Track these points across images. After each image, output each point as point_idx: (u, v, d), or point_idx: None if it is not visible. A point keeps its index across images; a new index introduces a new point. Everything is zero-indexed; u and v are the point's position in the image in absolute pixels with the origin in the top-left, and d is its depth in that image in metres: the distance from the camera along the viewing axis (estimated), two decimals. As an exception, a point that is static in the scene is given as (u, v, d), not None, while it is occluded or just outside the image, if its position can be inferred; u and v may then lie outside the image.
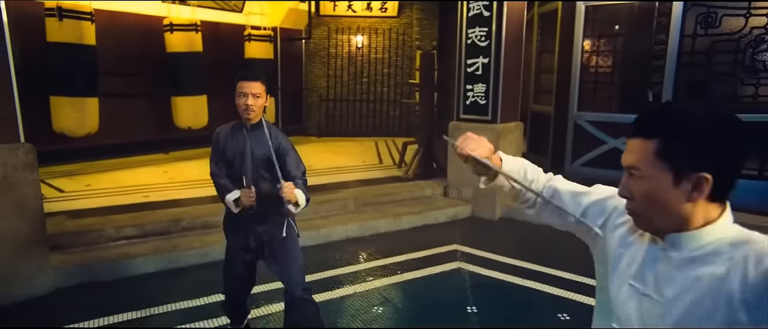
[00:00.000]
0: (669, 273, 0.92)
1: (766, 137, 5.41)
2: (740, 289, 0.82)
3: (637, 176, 0.92)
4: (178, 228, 4.22)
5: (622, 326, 1.00)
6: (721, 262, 0.86)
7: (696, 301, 0.88)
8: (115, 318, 3.06)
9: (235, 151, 2.39)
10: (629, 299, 0.98)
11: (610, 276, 1.05)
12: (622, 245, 1.03)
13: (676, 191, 0.87)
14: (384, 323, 3.08)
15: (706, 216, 0.90)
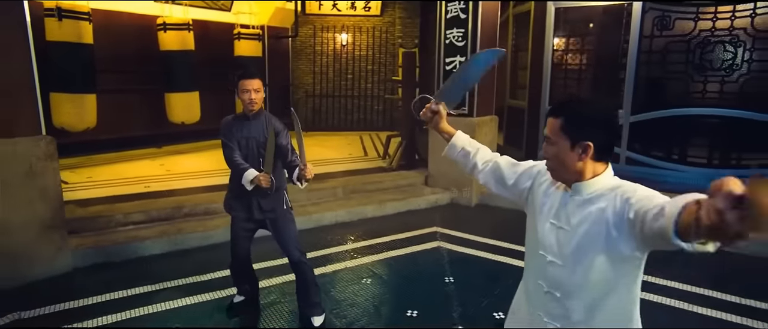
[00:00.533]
0: (573, 210, 1.36)
1: (713, 129, 6.00)
2: (612, 216, 1.27)
3: (550, 142, 1.36)
4: (180, 214, 4.58)
5: (546, 252, 1.44)
6: (603, 201, 1.31)
7: (589, 227, 1.32)
8: (129, 292, 3.42)
9: (241, 136, 2.79)
10: (550, 232, 1.43)
11: (537, 220, 1.49)
12: (545, 195, 1.48)
13: (572, 153, 1.31)
14: (372, 291, 3.52)
15: (594, 171, 1.34)
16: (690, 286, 3.57)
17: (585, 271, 1.32)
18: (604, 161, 1.35)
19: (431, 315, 3.14)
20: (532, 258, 1.51)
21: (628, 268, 1.30)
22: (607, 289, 1.32)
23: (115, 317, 3.07)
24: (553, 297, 1.40)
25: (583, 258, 1.32)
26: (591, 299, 1.34)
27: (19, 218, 3.40)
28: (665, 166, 6.23)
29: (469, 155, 1.74)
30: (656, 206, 1.10)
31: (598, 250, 1.29)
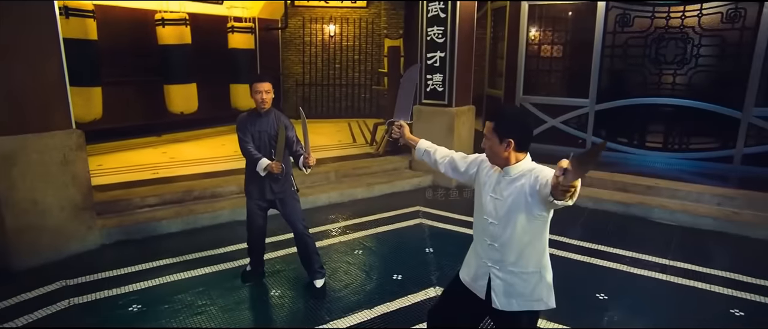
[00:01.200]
0: (505, 186, 1.95)
1: (668, 116, 6.69)
2: (528, 188, 1.86)
3: (486, 138, 1.95)
4: (191, 197, 5.12)
5: (488, 216, 2.02)
6: (523, 179, 1.90)
7: (515, 197, 1.91)
8: (153, 264, 3.96)
9: (254, 130, 3.33)
10: (490, 202, 2.02)
11: (481, 193, 2.07)
12: (486, 176, 2.06)
13: (500, 146, 1.90)
14: (363, 260, 4.12)
15: (517, 158, 1.93)
16: (580, 241, 4.25)
17: (513, 228, 1.92)
18: (523, 151, 1.94)
19: (413, 278, 3.75)
20: (479, 221, 2.10)
21: (540, 224, 1.91)
22: (527, 240, 1.93)
23: (144, 284, 3.62)
24: (493, 247, 2.00)
25: (511, 218, 1.92)
26: (518, 247, 1.95)
27: (56, 201, 3.91)
28: (627, 150, 6.92)
29: (430, 153, 2.34)
30: (547, 178, 1.71)
31: (520, 212, 1.89)
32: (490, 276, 2.03)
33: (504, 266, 2.00)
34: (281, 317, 3.26)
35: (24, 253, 3.78)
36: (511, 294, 2.00)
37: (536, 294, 2.00)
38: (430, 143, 2.41)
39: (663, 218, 5.09)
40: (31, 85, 3.70)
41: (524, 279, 1.97)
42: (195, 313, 3.24)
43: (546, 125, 7.45)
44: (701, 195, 5.23)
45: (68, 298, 3.36)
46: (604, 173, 5.98)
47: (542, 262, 1.99)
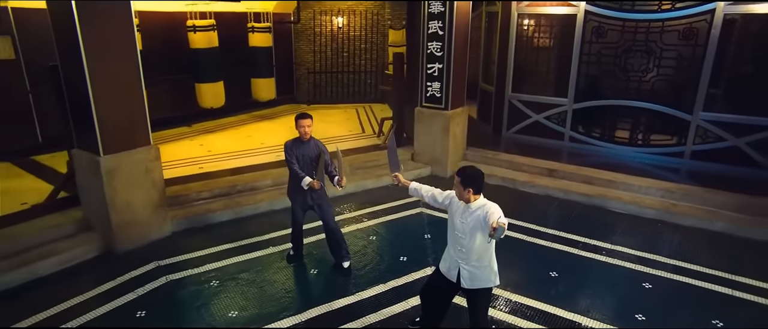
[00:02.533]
0: (468, 214, 3.14)
1: (632, 116, 7.79)
2: (482, 217, 3.04)
3: (456, 186, 3.12)
4: (235, 191, 6.32)
5: (458, 231, 3.22)
6: (479, 211, 3.08)
7: (474, 222, 3.09)
8: (217, 248, 5.19)
9: (299, 154, 4.48)
10: (459, 223, 3.20)
11: (453, 217, 3.26)
12: (456, 207, 3.24)
13: (464, 192, 3.08)
14: (376, 245, 5.35)
15: (474, 198, 3.11)
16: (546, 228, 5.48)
17: (473, 240, 3.12)
18: (477, 194, 3.11)
19: (415, 259, 4.99)
20: (452, 234, 3.31)
21: (490, 241, 3.11)
22: (482, 249, 3.13)
23: (216, 264, 4.86)
24: (462, 251, 3.21)
25: (473, 234, 3.12)
26: (477, 252, 3.15)
27: (142, 201, 5.11)
28: (599, 144, 8.07)
29: (418, 190, 3.52)
30: (490, 216, 2.89)
31: (478, 231, 3.09)
32: (460, 268, 3.25)
33: (468, 262, 3.21)
34: (320, 289, 4.52)
35: (122, 241, 5.01)
36: (473, 279, 3.23)
37: (487, 278, 3.22)
38: (418, 184, 3.58)
39: (617, 208, 6.30)
40: (124, 114, 4.83)
41: (480, 270, 3.20)
42: (258, 286, 4.49)
43: (531, 120, 8.57)
44: (649, 189, 6.43)
45: (164, 275, 4.61)
46: (574, 166, 7.17)
47: (491, 259, 3.21)
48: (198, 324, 3.94)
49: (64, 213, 5.32)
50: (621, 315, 4.07)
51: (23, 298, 4.26)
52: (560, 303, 4.25)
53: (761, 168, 6.78)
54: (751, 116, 6.72)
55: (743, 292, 4.44)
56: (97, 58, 4.50)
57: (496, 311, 4.11)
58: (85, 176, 5.00)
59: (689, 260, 5.01)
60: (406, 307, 4.18)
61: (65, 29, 4.46)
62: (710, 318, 4.05)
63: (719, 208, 5.93)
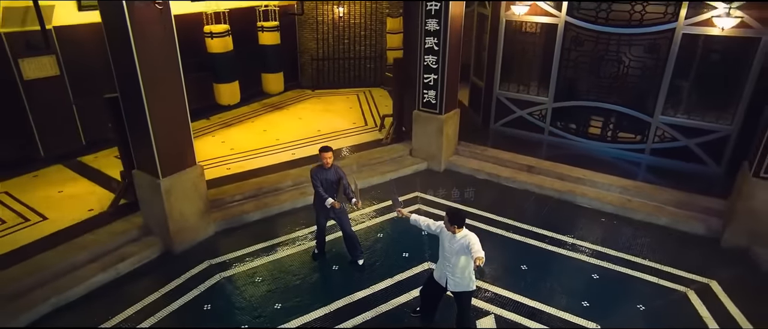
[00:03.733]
0: (454, 242, 4.33)
1: (603, 116, 8.87)
2: (465, 243, 4.24)
3: (445, 221, 4.30)
4: (262, 192, 7.47)
5: (446, 252, 4.43)
6: (463, 240, 4.26)
7: (459, 247, 4.30)
8: (251, 248, 6.40)
9: (322, 178, 5.60)
10: (448, 247, 4.40)
11: (443, 242, 4.46)
12: (445, 235, 4.43)
13: (451, 226, 4.26)
14: (383, 242, 6.57)
15: (459, 230, 4.29)
16: (522, 224, 6.72)
17: (458, 259, 4.33)
18: (460, 228, 4.28)
19: (415, 255, 6.23)
20: (442, 254, 4.51)
21: (468, 259, 4.30)
22: (463, 265, 4.34)
23: (257, 262, 6.08)
24: (448, 266, 4.42)
25: (457, 255, 4.32)
26: (460, 267, 4.36)
27: (191, 210, 6.25)
28: (574, 139, 9.20)
29: (417, 221, 4.69)
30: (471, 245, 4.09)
31: (462, 254, 4.30)
32: (447, 277, 4.48)
33: (454, 275, 4.43)
34: (342, 284, 5.76)
35: (178, 243, 6.21)
36: (457, 285, 4.47)
37: (467, 285, 4.46)
38: (416, 216, 4.75)
39: (583, 203, 7.53)
40: (175, 140, 5.87)
41: (462, 279, 4.42)
42: (293, 282, 5.74)
43: (515, 114, 9.64)
44: (610, 186, 7.63)
45: (218, 273, 5.84)
46: (550, 163, 8.34)
47: (471, 272, 4.42)
48: (253, 315, 5.21)
49: (127, 220, 6.48)
50: (571, 303, 5.38)
51: (114, 294, 5.49)
52: (527, 292, 5.54)
53: (706, 166, 7.98)
54: (701, 121, 7.84)
55: (665, 280, 5.74)
56: (152, 89, 5.42)
57: (478, 300, 5.40)
58: (146, 193, 6.11)
59: (632, 252, 6.29)
60: (409, 298, 5.45)
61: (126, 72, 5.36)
62: (636, 303, 5.37)
63: (664, 204, 7.17)
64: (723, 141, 7.75)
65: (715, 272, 5.86)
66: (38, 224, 6.42)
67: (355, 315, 5.19)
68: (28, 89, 7.64)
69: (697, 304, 5.36)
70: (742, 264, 6.04)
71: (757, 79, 7.20)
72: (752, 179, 5.95)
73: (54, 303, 5.21)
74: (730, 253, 6.25)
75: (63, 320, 5.10)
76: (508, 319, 5.16)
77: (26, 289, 5.26)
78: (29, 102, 7.71)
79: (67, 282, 5.43)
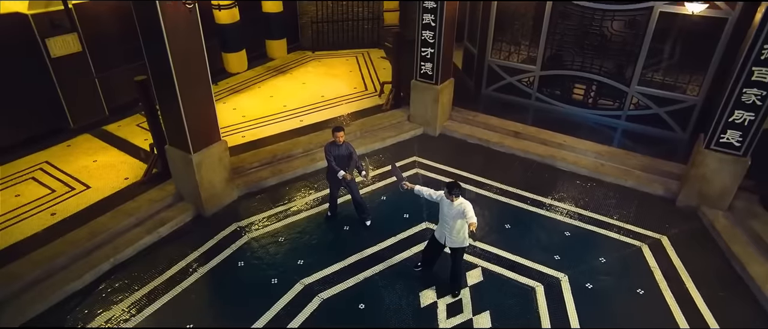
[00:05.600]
0: (452, 208, 5.29)
1: (585, 84, 9.68)
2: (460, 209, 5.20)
3: (446, 192, 5.24)
4: (275, 159, 8.32)
5: (445, 216, 5.40)
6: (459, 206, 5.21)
7: (455, 213, 5.26)
8: (271, 212, 7.34)
9: (335, 154, 6.46)
10: (446, 212, 5.37)
11: (442, 208, 5.42)
12: (445, 202, 5.38)
13: (450, 195, 5.19)
14: (386, 204, 7.54)
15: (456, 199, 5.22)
16: (507, 186, 7.71)
17: (454, 223, 5.31)
18: (457, 197, 5.22)
19: (414, 216, 7.22)
20: (442, 218, 5.48)
21: (463, 222, 5.27)
22: (459, 227, 5.32)
23: (278, 224, 7.04)
24: (446, 227, 5.41)
25: (455, 219, 5.29)
26: (456, 227, 5.34)
27: (218, 179, 7.13)
28: (559, 104, 10.03)
29: (421, 191, 5.61)
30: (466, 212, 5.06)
31: (458, 218, 5.27)
32: (446, 236, 5.48)
33: (451, 234, 5.42)
34: (353, 242, 6.75)
35: (208, 208, 7.13)
36: (453, 243, 5.48)
37: (461, 242, 5.47)
38: (420, 187, 5.66)
39: (563, 167, 8.48)
40: (203, 122, 6.65)
41: (458, 238, 5.42)
42: (313, 240, 6.73)
43: (505, 81, 10.39)
44: (586, 151, 8.57)
45: (246, 234, 6.82)
46: (535, 128, 9.22)
47: (465, 232, 5.40)
48: (279, 270, 6.22)
49: (161, 188, 7.35)
50: (545, 257, 6.45)
51: (161, 253, 6.46)
52: (509, 248, 6.59)
53: (674, 132, 8.91)
54: (671, 91, 8.68)
55: (625, 236, 6.82)
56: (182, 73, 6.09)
57: (467, 256, 6.45)
58: (178, 166, 6.95)
59: (600, 212, 7.33)
60: (410, 254, 6.49)
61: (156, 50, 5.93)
62: (598, 256, 6.46)
63: (632, 168, 8.16)
64: (689, 110, 8.64)
65: (667, 229, 6.94)
66: (83, 192, 7.29)
67: (367, 268, 6.23)
68: (56, 65, 8.23)
69: (649, 257, 6.47)
70: (691, 222, 7.12)
71: (722, 55, 7.97)
72: (704, 150, 6.90)
73: (112, 262, 6.19)
74: (682, 212, 7.32)
75: (120, 275, 6.09)
76: (493, 271, 6.24)
77: (87, 251, 6.21)
78: (57, 78, 8.32)
79: (121, 244, 6.38)
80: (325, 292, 5.88)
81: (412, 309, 5.66)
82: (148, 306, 5.65)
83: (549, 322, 5.50)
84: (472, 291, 5.92)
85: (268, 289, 5.93)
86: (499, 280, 6.11)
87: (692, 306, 5.72)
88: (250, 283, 6.04)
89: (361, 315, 5.60)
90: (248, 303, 5.73)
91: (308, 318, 5.54)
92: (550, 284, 6.03)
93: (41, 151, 8.27)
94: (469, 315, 5.61)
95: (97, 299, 5.75)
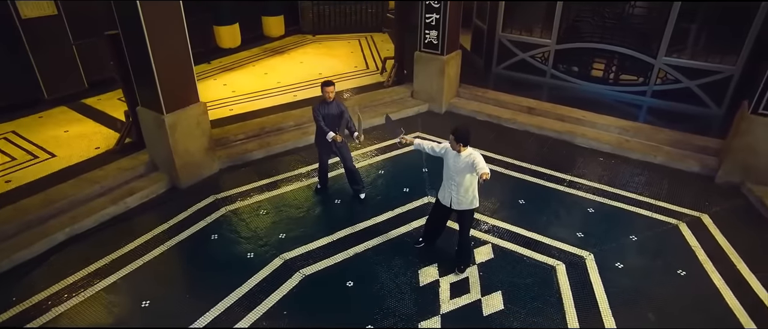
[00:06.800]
0: (459, 160, 4.45)
1: (605, 57, 8.83)
2: (469, 161, 4.37)
3: (451, 141, 4.41)
4: (264, 132, 7.55)
5: (451, 171, 4.56)
6: (468, 158, 4.39)
7: (464, 165, 4.43)
8: (259, 183, 6.55)
9: (324, 113, 5.67)
10: (452, 165, 4.53)
11: (447, 161, 4.58)
12: (450, 153, 4.54)
13: (456, 144, 4.37)
14: (384, 177, 6.72)
15: (464, 149, 4.40)
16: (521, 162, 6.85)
17: (463, 177, 4.47)
18: (465, 146, 4.39)
19: (415, 190, 6.39)
20: (447, 172, 4.63)
21: (473, 176, 4.44)
22: (468, 183, 4.49)
23: (262, 196, 6.25)
24: (453, 184, 4.57)
25: (463, 173, 4.46)
26: (464, 186, 4.51)
27: (196, 146, 6.36)
28: (576, 81, 9.18)
29: (421, 144, 4.77)
30: (477, 163, 4.22)
31: (467, 172, 4.43)
32: (451, 196, 4.64)
33: (458, 192, 4.58)
34: (345, 215, 5.95)
35: (184, 178, 6.36)
36: (460, 203, 4.64)
37: (470, 202, 4.63)
38: (420, 140, 4.84)
39: (582, 143, 7.61)
40: (178, 80, 5.91)
41: (465, 197, 4.58)
42: (297, 214, 5.92)
43: (517, 58, 9.57)
44: (609, 126, 7.69)
45: (224, 207, 6.02)
46: (550, 104, 8.36)
47: (474, 190, 4.58)
48: (258, 244, 5.41)
49: (133, 157, 6.61)
50: (566, 234, 5.56)
51: (124, 225, 5.69)
52: (524, 224, 5.72)
53: (707, 108, 8.00)
54: (704, 62, 7.79)
55: (658, 214, 5.91)
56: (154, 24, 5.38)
57: (476, 231, 5.59)
58: (151, 129, 6.21)
59: (627, 189, 6.44)
60: (409, 229, 5.65)
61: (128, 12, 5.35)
62: (628, 235, 5.56)
63: (661, 144, 7.26)
64: (725, 82, 7.74)
65: (707, 207, 6.03)
66: (47, 161, 6.57)
67: (358, 243, 5.39)
68: (27, 28, 7.59)
69: (688, 235, 5.55)
70: (734, 199, 6.20)
71: (764, 20, 7.10)
72: (750, 116, 6.00)
73: (68, 233, 5.42)
74: (723, 189, 6.39)
75: (76, 247, 5.32)
76: (505, 248, 5.37)
77: (41, 220, 5.46)
78: (29, 42, 7.67)
79: (80, 214, 5.62)
80: (308, 268, 5.05)
81: (410, 288, 4.80)
82: (101, 281, 4.85)
83: (573, 304, 4.61)
84: (480, 270, 5.05)
85: (242, 264, 5.11)
86: (512, 258, 5.23)
87: (746, 288, 4.78)
88: (222, 258, 5.23)
89: (347, 293, 4.75)
90: (218, 278, 4.91)
91: (286, 295, 4.70)
92: (572, 262, 5.14)
93: (8, 122, 7.59)
94: (477, 295, 4.73)
95: (46, 270, 4.97)
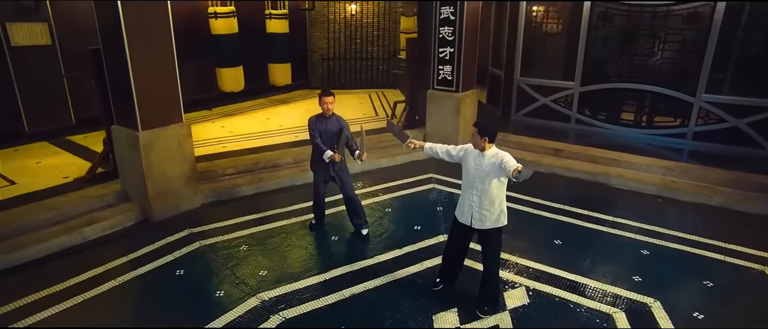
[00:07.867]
0: (483, 161, 3.51)
1: (636, 98, 8.07)
2: (496, 163, 3.41)
3: (473, 135, 3.49)
4: (258, 168, 6.72)
5: (473, 177, 3.59)
6: (494, 158, 3.45)
7: (490, 167, 3.47)
8: (243, 218, 5.60)
9: (321, 128, 4.84)
10: (474, 169, 3.57)
11: (468, 165, 3.62)
12: (472, 155, 3.60)
13: (479, 139, 3.45)
14: (392, 215, 5.73)
15: (489, 146, 3.48)
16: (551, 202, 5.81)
17: (487, 185, 3.49)
18: (491, 143, 3.47)
19: (428, 228, 5.36)
20: (467, 180, 3.66)
21: (501, 184, 3.46)
22: (495, 192, 3.49)
23: (245, 232, 5.26)
24: (475, 194, 3.57)
25: (486, 179, 3.48)
26: (489, 196, 3.51)
27: (175, 173, 5.52)
28: (604, 126, 8.36)
29: (433, 148, 3.88)
30: (507, 162, 3.25)
31: (493, 176, 3.45)
32: (473, 212, 3.62)
33: (481, 206, 3.58)
34: (342, 253, 4.92)
35: (158, 210, 5.44)
36: (483, 220, 3.61)
37: (496, 219, 3.62)
38: (431, 143, 3.95)
39: (619, 184, 6.61)
40: (160, 93, 5.22)
41: (491, 212, 3.57)
42: (285, 250, 4.89)
43: (538, 103, 8.86)
44: (650, 167, 6.72)
45: (198, 241, 5.03)
46: (579, 146, 7.47)
47: (502, 202, 3.58)
48: (233, 281, 4.36)
49: (104, 186, 5.77)
50: (619, 277, 4.42)
51: (74, 258, 4.70)
52: (563, 266, 4.60)
53: (761, 148, 7.04)
54: (751, 97, 6.96)
55: (733, 258, 4.76)
56: (138, 45, 4.87)
57: (505, 272, 4.48)
58: (124, 150, 5.42)
59: (685, 230, 5.33)
60: (422, 268, 4.56)
61: (109, 18, 4.83)
62: (702, 280, 4.39)
63: (716, 185, 6.22)
64: (779, 119, 6.85)
65: (792, 249, 4.87)
66: (5, 187, 5.74)
67: (357, 283, 4.30)
68: (15, 55, 7.16)
69: (777, 282, 4.37)
70: (821, 243, 5.04)
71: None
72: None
73: (6, 262, 4.43)
74: (805, 232, 5.26)
75: (7, 280, 4.30)
76: (542, 292, 4.22)
77: (-27, 246, 4.52)
78: (15, 71, 7.20)
79: (24, 242, 4.67)
80: (289, 310, 3.93)
81: (421, 337, 3.64)
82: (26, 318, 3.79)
83: (644, 362, 3.38)
84: (513, 316, 3.88)
85: (208, 303, 4.02)
86: (551, 302, 4.07)
87: None
88: (185, 296, 4.16)
89: (339, 341, 3.61)
90: (175, 318, 3.81)
91: (258, 341, 3.57)
92: (634, 310, 3.95)
93: (-22, 153, 6.91)
94: (510, 348, 3.55)
95: (-41, 307, 3.94)
